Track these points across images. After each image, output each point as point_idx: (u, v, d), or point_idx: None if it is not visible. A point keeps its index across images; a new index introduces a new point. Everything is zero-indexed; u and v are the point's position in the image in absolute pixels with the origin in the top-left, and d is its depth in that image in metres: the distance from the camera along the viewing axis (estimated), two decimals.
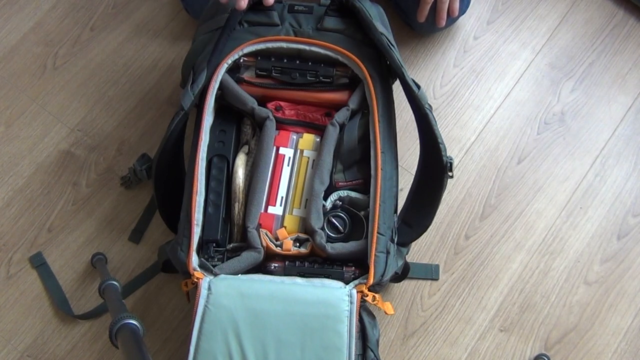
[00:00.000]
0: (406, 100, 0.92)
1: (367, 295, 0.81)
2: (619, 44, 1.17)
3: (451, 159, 0.86)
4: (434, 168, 0.88)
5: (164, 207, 0.94)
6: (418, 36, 1.17)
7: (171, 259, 0.86)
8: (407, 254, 0.95)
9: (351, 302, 0.80)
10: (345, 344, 0.78)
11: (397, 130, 0.93)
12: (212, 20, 0.94)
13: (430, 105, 0.88)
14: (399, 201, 0.91)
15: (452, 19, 1.10)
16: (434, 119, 0.87)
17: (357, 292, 0.81)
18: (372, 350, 0.86)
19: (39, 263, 1.04)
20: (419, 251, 1.05)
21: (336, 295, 0.80)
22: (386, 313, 0.85)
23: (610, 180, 1.09)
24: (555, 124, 1.12)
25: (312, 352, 0.78)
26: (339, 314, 0.79)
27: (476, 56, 1.16)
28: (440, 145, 0.86)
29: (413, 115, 0.93)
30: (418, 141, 0.94)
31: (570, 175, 1.09)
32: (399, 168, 0.92)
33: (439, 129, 0.86)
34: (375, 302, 0.82)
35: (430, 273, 1.03)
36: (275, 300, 0.80)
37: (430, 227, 0.94)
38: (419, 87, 0.88)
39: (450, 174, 0.86)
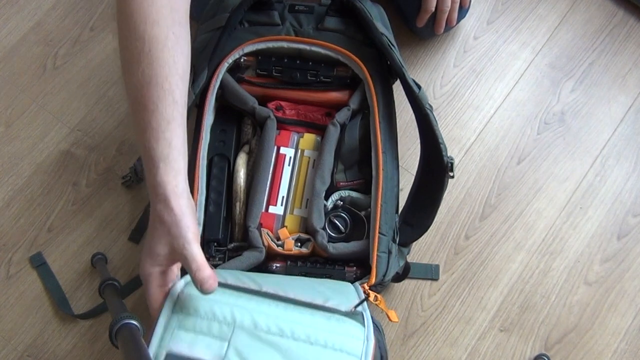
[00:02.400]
0: (406, 100, 0.92)
1: (369, 295, 0.80)
2: (619, 44, 1.17)
3: (452, 159, 0.86)
4: (435, 168, 0.87)
5: None
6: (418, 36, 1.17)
7: None
8: (408, 254, 0.95)
9: None
10: None
11: (398, 130, 0.93)
12: (212, 20, 0.94)
13: (430, 106, 0.88)
14: (399, 201, 0.91)
15: (449, 27, 1.11)
16: (435, 119, 0.86)
17: None
18: None
19: (39, 263, 1.04)
20: (419, 251, 1.05)
21: None
22: (390, 320, 0.84)
23: (610, 180, 1.09)
24: (555, 124, 1.12)
25: None
26: None
27: (476, 56, 1.16)
28: (441, 146, 0.85)
29: (413, 115, 0.93)
30: (418, 141, 0.94)
31: (570, 175, 1.09)
32: (399, 168, 0.92)
33: (440, 129, 0.86)
34: (377, 302, 0.82)
35: (430, 273, 1.03)
36: None
37: (431, 227, 0.94)
38: (419, 87, 0.88)
39: (451, 174, 0.86)
